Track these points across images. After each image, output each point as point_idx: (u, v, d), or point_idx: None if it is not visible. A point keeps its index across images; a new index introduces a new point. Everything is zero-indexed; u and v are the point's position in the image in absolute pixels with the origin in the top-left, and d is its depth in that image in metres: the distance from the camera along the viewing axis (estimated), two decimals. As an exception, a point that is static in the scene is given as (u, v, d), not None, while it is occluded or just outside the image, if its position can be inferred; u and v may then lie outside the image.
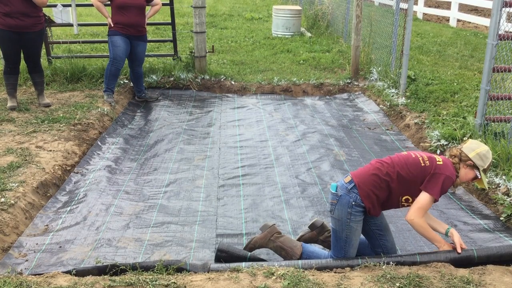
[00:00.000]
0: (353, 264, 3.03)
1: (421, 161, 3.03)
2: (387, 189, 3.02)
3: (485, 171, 3.06)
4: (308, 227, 3.46)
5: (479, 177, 3.06)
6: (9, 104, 6.12)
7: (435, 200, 2.98)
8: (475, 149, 3.06)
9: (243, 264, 3.06)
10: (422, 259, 3.04)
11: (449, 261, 3.02)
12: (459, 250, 3.03)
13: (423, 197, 2.96)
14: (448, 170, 2.99)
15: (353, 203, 3.01)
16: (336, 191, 3.09)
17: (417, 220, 2.96)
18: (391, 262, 3.01)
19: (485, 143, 4.81)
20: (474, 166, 3.05)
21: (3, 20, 5.70)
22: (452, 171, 3.02)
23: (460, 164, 3.08)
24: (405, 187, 3.00)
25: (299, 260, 3.13)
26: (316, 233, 3.42)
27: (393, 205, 3.10)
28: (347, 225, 3.04)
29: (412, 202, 3.04)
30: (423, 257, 3.06)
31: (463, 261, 3.04)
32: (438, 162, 3.02)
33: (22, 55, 6.11)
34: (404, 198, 3.04)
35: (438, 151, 5.20)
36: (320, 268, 3.03)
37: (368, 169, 3.10)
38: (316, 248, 3.33)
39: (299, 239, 3.42)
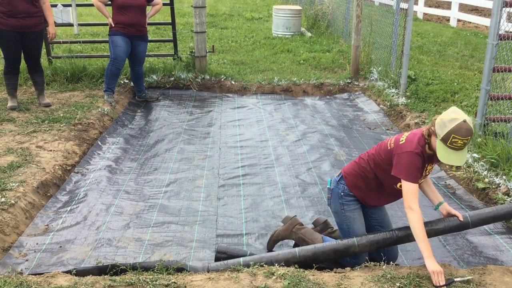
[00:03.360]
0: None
1: (388, 145, 2.96)
2: (372, 178, 3.05)
3: (444, 141, 2.71)
4: (312, 223, 3.51)
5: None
6: (10, 104, 6.12)
7: (414, 181, 2.79)
8: (444, 116, 2.76)
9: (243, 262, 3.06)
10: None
11: (447, 229, 3.01)
12: (461, 218, 2.99)
13: (403, 184, 2.83)
14: (409, 145, 2.81)
15: (342, 193, 3.10)
16: (330, 185, 3.22)
17: (413, 206, 2.75)
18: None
19: (485, 143, 4.82)
20: (434, 134, 2.77)
21: (6, 20, 5.71)
22: (415, 145, 2.80)
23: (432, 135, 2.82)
24: (387, 173, 2.95)
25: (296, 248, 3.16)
26: (319, 230, 3.43)
27: (393, 195, 3.06)
28: (343, 215, 3.11)
29: None
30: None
31: (459, 228, 3.03)
32: (401, 142, 2.89)
33: (22, 55, 6.12)
34: (398, 185, 2.95)
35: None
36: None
37: (354, 160, 3.20)
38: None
39: None
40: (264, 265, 3.02)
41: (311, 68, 8.96)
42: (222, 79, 7.98)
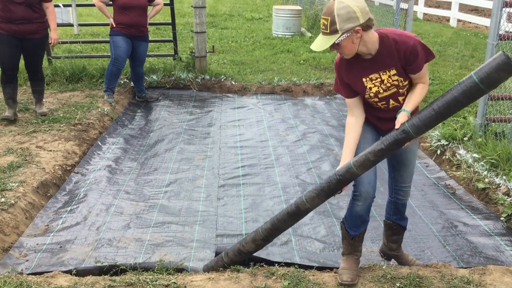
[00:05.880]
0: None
1: None
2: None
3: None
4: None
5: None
6: (6, 113, 5.70)
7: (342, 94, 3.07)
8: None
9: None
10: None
11: (387, 148, 2.71)
12: (397, 126, 2.67)
13: None
14: None
15: None
16: None
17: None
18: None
19: (485, 143, 4.83)
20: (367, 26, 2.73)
21: (5, 25, 5.43)
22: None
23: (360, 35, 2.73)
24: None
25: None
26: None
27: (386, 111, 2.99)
28: None
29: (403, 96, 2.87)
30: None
31: (399, 142, 2.67)
32: None
33: (21, 62, 5.78)
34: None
35: (439, 151, 5.20)
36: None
37: None
38: None
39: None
40: (264, 265, 3.03)
41: (311, 68, 8.96)
42: (222, 79, 7.98)
